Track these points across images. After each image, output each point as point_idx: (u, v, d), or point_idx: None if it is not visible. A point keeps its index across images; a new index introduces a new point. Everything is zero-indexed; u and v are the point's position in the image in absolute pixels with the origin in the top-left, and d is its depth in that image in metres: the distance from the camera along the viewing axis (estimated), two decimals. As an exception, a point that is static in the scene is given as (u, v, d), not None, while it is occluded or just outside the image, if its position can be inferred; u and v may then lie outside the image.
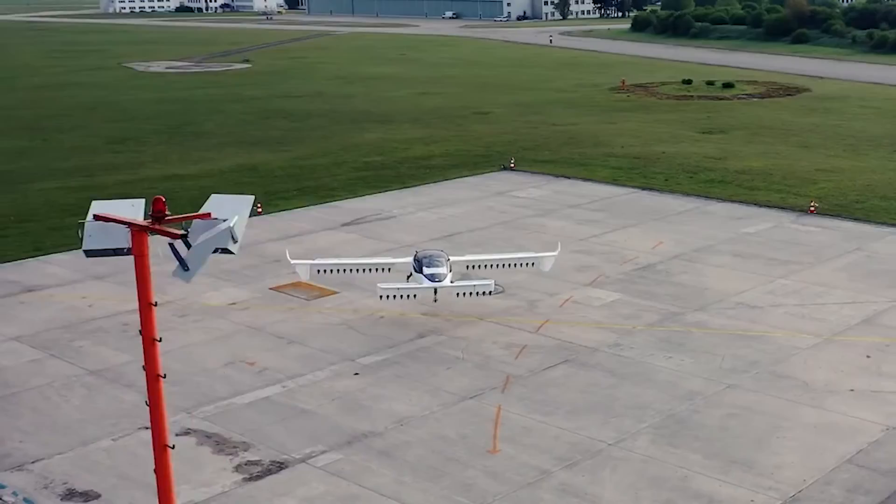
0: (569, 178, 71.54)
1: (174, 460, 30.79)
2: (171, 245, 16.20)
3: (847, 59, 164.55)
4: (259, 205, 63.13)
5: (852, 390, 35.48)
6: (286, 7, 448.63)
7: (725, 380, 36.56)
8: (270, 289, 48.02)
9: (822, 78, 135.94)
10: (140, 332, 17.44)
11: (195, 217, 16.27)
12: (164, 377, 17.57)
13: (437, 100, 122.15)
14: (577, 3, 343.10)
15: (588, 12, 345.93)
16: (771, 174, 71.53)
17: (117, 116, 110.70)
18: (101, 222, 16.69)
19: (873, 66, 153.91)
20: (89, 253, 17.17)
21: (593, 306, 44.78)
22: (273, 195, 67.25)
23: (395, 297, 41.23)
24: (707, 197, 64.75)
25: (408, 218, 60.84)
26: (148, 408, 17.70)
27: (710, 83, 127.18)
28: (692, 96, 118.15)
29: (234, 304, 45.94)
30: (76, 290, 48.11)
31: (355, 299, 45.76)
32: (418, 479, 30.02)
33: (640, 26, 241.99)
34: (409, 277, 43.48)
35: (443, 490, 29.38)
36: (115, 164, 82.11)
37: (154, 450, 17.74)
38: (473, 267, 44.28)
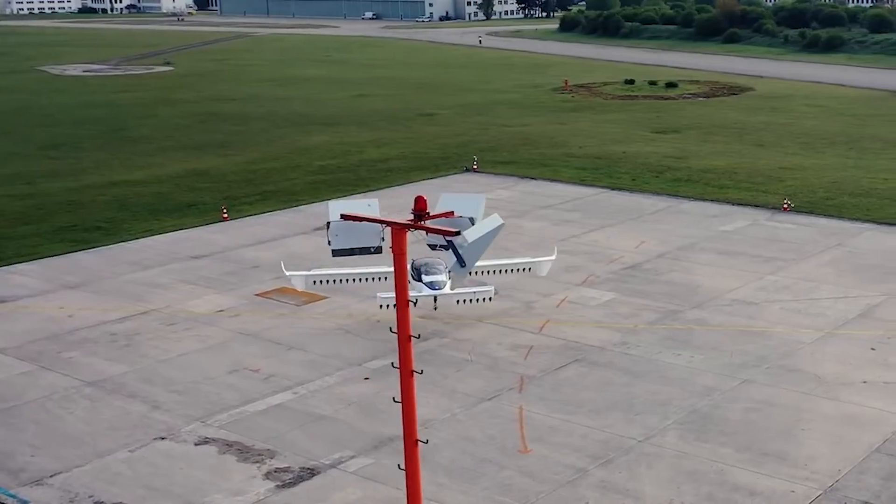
0: (534, 178, 72.72)
1: (198, 469, 31.08)
2: (451, 242, 16.80)
3: (782, 59, 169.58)
4: (225, 210, 63.02)
5: (865, 382, 37.06)
6: (196, 8, 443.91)
7: (738, 375, 37.86)
8: (256, 295, 48.06)
9: (762, 77, 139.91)
10: (391, 329, 18.62)
11: (441, 216, 17.05)
12: (421, 373, 18.02)
13: (377, 102, 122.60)
14: (500, 3, 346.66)
15: (512, 12, 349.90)
16: (736, 173, 73.71)
17: (45, 122, 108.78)
18: (346, 222, 17.16)
19: (811, 64, 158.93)
20: (336, 252, 17.71)
21: (590, 306, 45.83)
22: (234, 200, 67.04)
23: (394, 306, 41.54)
24: (677, 196, 66.49)
25: (380, 221, 61.13)
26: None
27: (652, 83, 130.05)
28: (637, 96, 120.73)
29: (221, 311, 45.88)
30: (50, 301, 47.45)
31: (347, 304, 46.09)
32: (455, 480, 30.57)
33: (568, 26, 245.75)
34: None
35: (483, 491, 29.98)
36: (55, 170, 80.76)
37: (405, 445, 18.85)
38: (471, 273, 44.84)
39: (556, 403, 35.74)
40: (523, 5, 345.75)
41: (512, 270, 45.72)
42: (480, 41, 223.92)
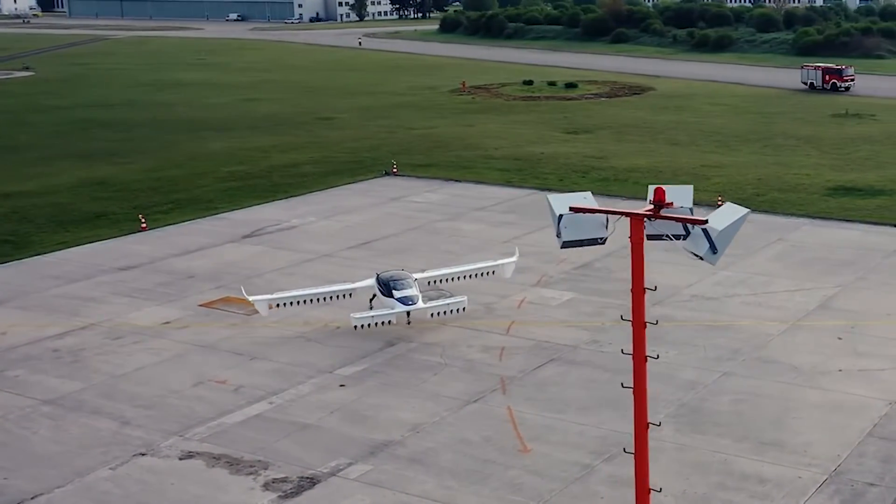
0: (459, 181, 73.93)
1: (190, 483, 31.03)
2: (705, 230, 17.80)
3: (674, 58, 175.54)
4: (143, 220, 62.29)
5: (840, 371, 39.32)
6: (40, 10, 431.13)
7: (717, 368, 39.70)
8: (200, 305, 47.79)
9: (659, 76, 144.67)
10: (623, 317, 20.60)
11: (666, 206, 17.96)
12: (657, 357, 20.53)
13: (268, 106, 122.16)
14: (373, 4, 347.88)
15: (386, 13, 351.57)
16: (660, 171, 76.45)
17: None
18: (575, 214, 18.06)
19: (704, 64, 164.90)
20: (566, 244, 18.58)
21: (552, 306, 47.17)
22: (146, 210, 66.15)
23: (370, 325, 42.14)
24: (610, 195, 68.45)
25: (311, 227, 61.46)
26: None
27: (551, 83, 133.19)
28: (539, 97, 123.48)
29: (168, 323, 45.52)
30: (-24, 318, 46.19)
31: (300, 312, 46.14)
32: (463, 482, 31.32)
33: (449, 28, 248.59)
34: (372, 300, 44.47)
35: (493, 491, 30.81)
36: (-65, 181, 78.02)
37: (636, 428, 20.31)
38: (436, 282, 45.60)
39: (544, 403, 36.82)
40: (397, 6, 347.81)
41: (476, 275, 46.59)
42: (360, 43, 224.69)
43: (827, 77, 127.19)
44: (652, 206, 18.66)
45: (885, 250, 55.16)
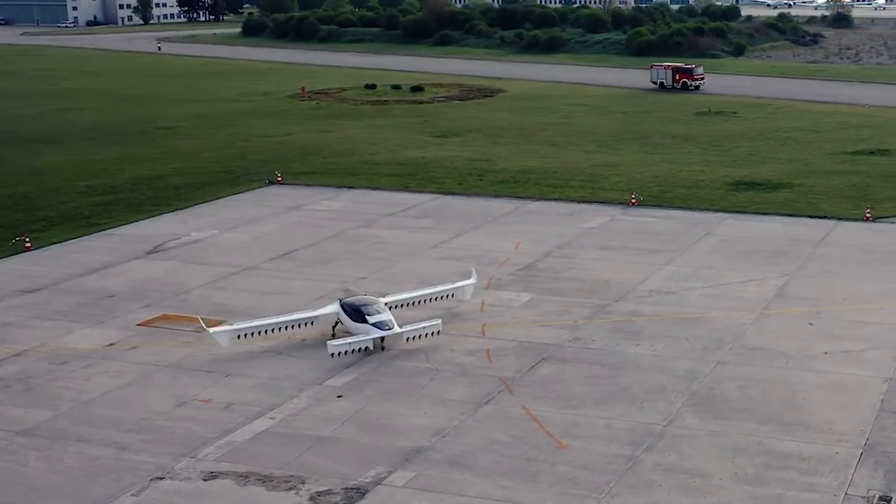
0: (353, 188, 75.14)
1: (226, 502, 31.34)
2: None
3: (507, 60, 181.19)
4: (27, 239, 60.86)
5: (826, 353, 43.07)
6: None
7: (709, 358, 42.72)
8: (139, 325, 47.44)
9: (501, 78, 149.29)
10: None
11: None
12: None
13: (91, 115, 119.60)
14: (158, 6, 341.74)
15: (173, 16, 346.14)
16: (554, 172, 79.89)
17: None
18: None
19: (544, 65, 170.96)
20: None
21: (514, 307, 49.26)
22: (15, 229, 64.39)
23: (346, 353, 42.89)
24: (518, 197, 71.39)
25: (218, 240, 61.43)
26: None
27: (395, 87, 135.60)
28: (388, 101, 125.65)
29: (112, 344, 45.12)
30: None
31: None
32: (516, 481, 32.95)
33: (252, 31, 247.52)
34: (335, 326, 45.23)
35: (551, 487, 32.58)
36: None
37: None
38: (398, 307, 46.47)
39: (556, 400, 38.83)
40: (185, 8, 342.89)
41: (435, 299, 47.94)
42: (160, 48, 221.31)
43: (677, 76, 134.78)
44: None
45: (812, 240, 59.98)
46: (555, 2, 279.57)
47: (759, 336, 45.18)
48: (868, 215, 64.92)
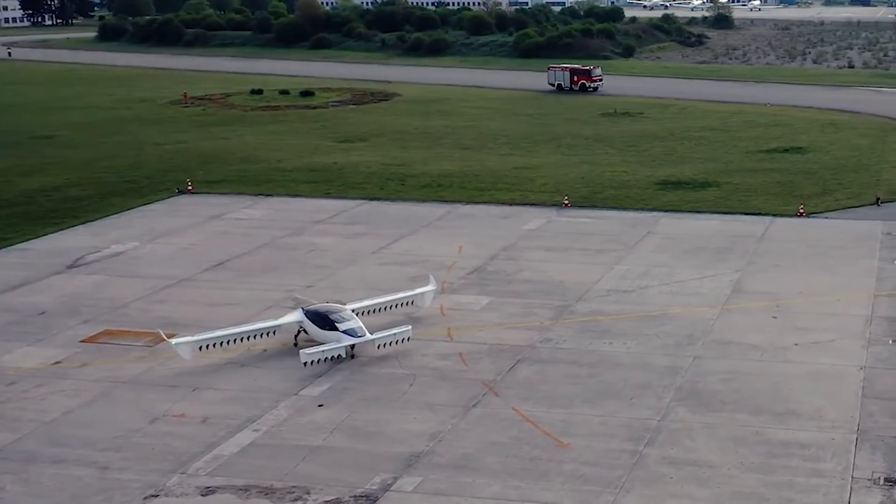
0: (271, 195, 75.32)
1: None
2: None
3: (391, 63, 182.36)
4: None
5: (797, 345, 45.32)
6: None
7: (684, 353, 44.58)
8: (82, 342, 47.04)
9: (391, 82, 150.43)
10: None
11: None
12: None
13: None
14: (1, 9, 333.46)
15: (16, 20, 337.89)
16: (477, 175, 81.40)
17: None
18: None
19: (429, 68, 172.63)
20: None
21: (475, 310, 50.39)
22: (-89, 245, 63.00)
23: (319, 361, 43.42)
24: (446, 201, 72.55)
25: (141, 252, 61.02)
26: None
27: (284, 92, 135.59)
28: (279, 106, 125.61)
29: (58, 363, 44.67)
30: None
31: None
32: (528, 480, 34.07)
33: (110, 35, 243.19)
34: (297, 335, 45.70)
35: (563, 485, 33.79)
36: None
37: None
38: (361, 314, 47.13)
39: (544, 401, 40.07)
40: (30, 11, 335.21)
41: (395, 306, 48.80)
42: (10, 53, 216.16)
43: (575, 78, 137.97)
44: None
45: (753, 236, 62.68)
46: (428, 4, 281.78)
47: (727, 331, 47.21)
48: (801, 211, 67.99)
